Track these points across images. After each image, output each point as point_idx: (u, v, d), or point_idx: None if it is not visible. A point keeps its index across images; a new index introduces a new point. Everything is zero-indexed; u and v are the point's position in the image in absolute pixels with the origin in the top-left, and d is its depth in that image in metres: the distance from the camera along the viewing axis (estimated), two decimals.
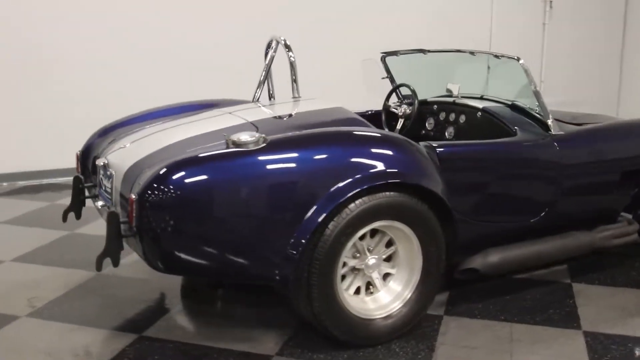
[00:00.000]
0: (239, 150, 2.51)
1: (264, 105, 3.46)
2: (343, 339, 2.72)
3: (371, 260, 2.78)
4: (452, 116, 3.87)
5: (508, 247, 3.17)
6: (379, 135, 2.84)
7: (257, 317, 3.10)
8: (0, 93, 5.68)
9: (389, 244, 2.84)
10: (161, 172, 2.45)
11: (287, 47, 3.54)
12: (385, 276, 2.87)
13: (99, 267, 2.61)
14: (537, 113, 3.39)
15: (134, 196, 2.45)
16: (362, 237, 2.75)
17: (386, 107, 4.22)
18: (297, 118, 3.20)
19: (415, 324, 2.93)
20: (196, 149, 2.68)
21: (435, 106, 4.02)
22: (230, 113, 3.20)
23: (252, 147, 2.53)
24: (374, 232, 2.80)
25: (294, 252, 2.52)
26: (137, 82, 5.84)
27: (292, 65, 3.51)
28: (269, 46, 3.67)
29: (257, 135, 2.57)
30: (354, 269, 2.78)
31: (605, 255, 3.86)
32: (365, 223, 2.64)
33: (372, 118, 4.30)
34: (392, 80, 4.33)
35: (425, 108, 4.09)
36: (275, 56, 3.62)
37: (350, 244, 2.64)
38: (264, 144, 2.55)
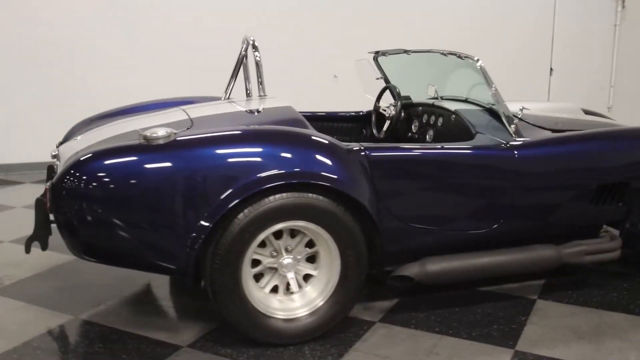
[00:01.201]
0: (144, 145, 2.60)
1: (223, 103, 3.53)
2: (249, 336, 2.73)
3: (286, 260, 2.77)
4: (433, 119, 3.76)
5: (452, 256, 3.02)
6: (296, 134, 2.80)
7: (197, 309, 3.16)
8: (42, 87, 6.21)
9: (313, 244, 2.82)
10: (70, 164, 2.59)
11: (255, 48, 3.58)
12: (308, 277, 2.86)
13: (27, 249, 2.83)
14: (506, 117, 3.22)
15: (48, 185, 2.62)
16: (278, 236, 2.76)
17: (376, 108, 4.17)
18: (239, 116, 3.22)
19: (343, 328, 2.89)
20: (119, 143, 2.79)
21: (420, 108, 3.92)
22: (182, 110, 3.29)
23: (161, 142, 2.61)
24: (296, 232, 2.79)
25: (193, 246, 2.57)
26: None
27: (258, 65, 3.55)
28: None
29: (168, 131, 2.64)
30: (271, 268, 2.79)
31: (595, 272, 3.60)
32: (270, 222, 2.63)
33: (364, 119, 4.28)
34: (386, 80, 4.26)
35: (412, 110, 4.00)
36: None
37: (256, 241, 2.64)
38: (170, 141, 2.61)
